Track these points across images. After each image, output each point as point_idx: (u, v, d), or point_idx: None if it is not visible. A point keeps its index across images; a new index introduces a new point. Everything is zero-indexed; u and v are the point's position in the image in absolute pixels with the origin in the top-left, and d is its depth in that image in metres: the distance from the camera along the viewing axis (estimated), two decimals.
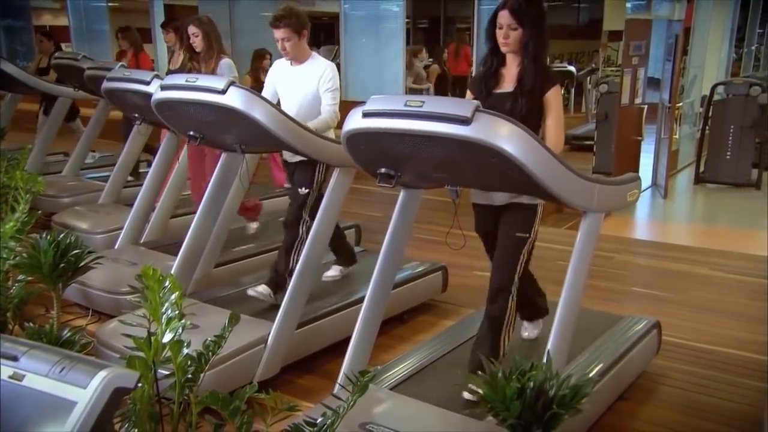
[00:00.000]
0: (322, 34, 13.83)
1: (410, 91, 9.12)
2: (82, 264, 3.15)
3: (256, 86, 4.89)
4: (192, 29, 4.25)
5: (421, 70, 9.14)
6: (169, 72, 5.23)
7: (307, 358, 3.24)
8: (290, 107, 3.41)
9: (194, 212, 3.71)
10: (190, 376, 2.00)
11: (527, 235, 2.63)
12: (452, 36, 13.34)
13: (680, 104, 7.98)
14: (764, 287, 4.21)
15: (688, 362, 3.31)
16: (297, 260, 3.25)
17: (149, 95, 3.45)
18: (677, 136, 7.96)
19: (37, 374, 1.37)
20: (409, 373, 2.82)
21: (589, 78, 12.11)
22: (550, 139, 2.51)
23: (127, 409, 1.88)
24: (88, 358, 1.44)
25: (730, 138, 7.19)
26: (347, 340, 2.73)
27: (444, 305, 3.97)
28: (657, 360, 3.25)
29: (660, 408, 2.93)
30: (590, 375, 2.68)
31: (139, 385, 1.82)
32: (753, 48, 11.91)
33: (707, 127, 7.45)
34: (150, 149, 5.45)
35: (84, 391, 1.31)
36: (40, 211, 3.96)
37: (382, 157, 2.36)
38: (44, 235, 3.16)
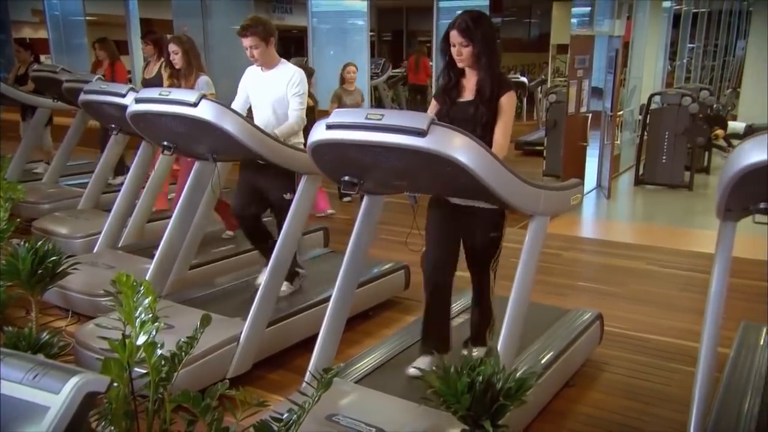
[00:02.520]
0: (293, 46, 13.75)
1: None
2: (60, 270, 3.08)
3: None
4: (172, 47, 4.22)
5: None
6: (144, 80, 5.18)
7: (278, 354, 3.21)
8: (261, 111, 3.38)
9: (169, 217, 3.64)
10: (164, 375, 1.96)
11: (499, 234, 2.75)
12: (413, 48, 13.38)
13: (621, 112, 8.13)
14: (695, 280, 4.33)
15: (628, 350, 3.38)
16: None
17: (125, 107, 3.39)
18: (619, 142, 8.12)
19: (10, 381, 1.33)
20: (374, 367, 2.82)
21: (539, 88, 12.28)
22: (497, 141, 2.51)
23: (104, 408, 1.84)
24: (61, 365, 1.40)
25: (666, 143, 7.37)
26: (316, 336, 2.72)
27: (407, 302, 3.99)
28: (600, 349, 3.31)
29: (603, 393, 2.99)
30: (540, 364, 2.73)
31: (115, 384, 1.79)
32: (684, 61, 12.23)
33: (645, 134, 7.62)
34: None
35: (56, 397, 1.28)
36: (19, 219, 3.85)
37: (346, 166, 2.35)
38: (23, 242, 3.08)
